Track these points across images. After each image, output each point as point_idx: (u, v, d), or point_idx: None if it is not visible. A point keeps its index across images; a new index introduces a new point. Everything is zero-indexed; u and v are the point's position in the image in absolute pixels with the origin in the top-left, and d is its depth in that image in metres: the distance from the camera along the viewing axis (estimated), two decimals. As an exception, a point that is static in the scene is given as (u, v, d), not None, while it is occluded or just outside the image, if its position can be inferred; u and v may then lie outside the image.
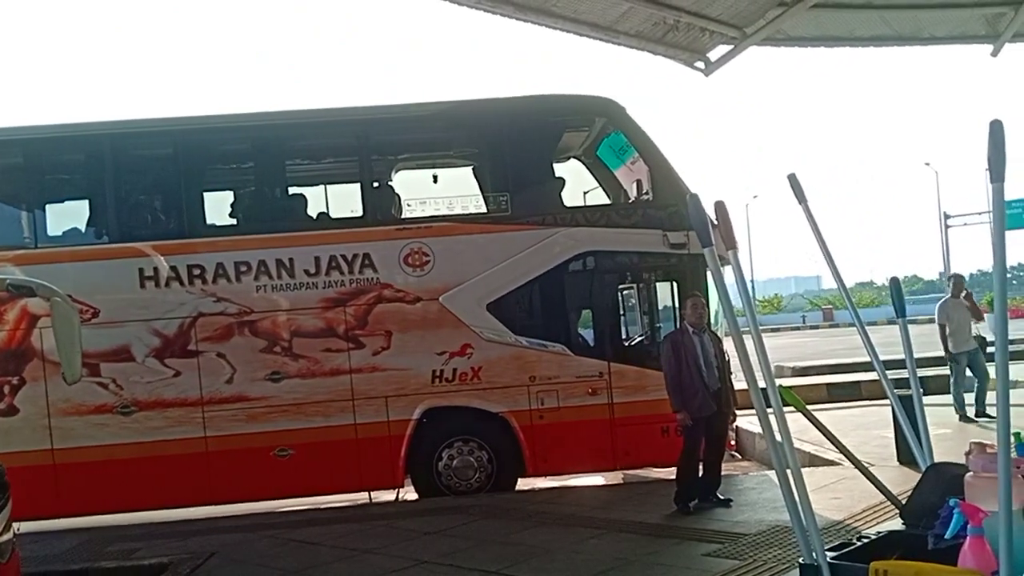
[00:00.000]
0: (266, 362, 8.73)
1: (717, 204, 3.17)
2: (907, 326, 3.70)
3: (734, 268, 3.05)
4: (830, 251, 3.74)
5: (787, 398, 3.20)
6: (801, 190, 3.71)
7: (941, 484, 2.98)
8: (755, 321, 2.94)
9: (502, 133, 9.27)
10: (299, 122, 9.30)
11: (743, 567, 5.74)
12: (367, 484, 9.05)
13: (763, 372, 2.86)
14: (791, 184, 3.68)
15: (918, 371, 3.84)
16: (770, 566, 5.70)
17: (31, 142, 8.96)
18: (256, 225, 9.10)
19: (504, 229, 8.92)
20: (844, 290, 4.06)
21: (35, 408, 8.49)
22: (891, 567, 2.51)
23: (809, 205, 3.72)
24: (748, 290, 3.04)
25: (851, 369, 17.69)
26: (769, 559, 5.85)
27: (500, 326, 8.83)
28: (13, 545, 5.34)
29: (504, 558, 6.40)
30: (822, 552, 2.74)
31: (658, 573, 5.86)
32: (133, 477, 8.55)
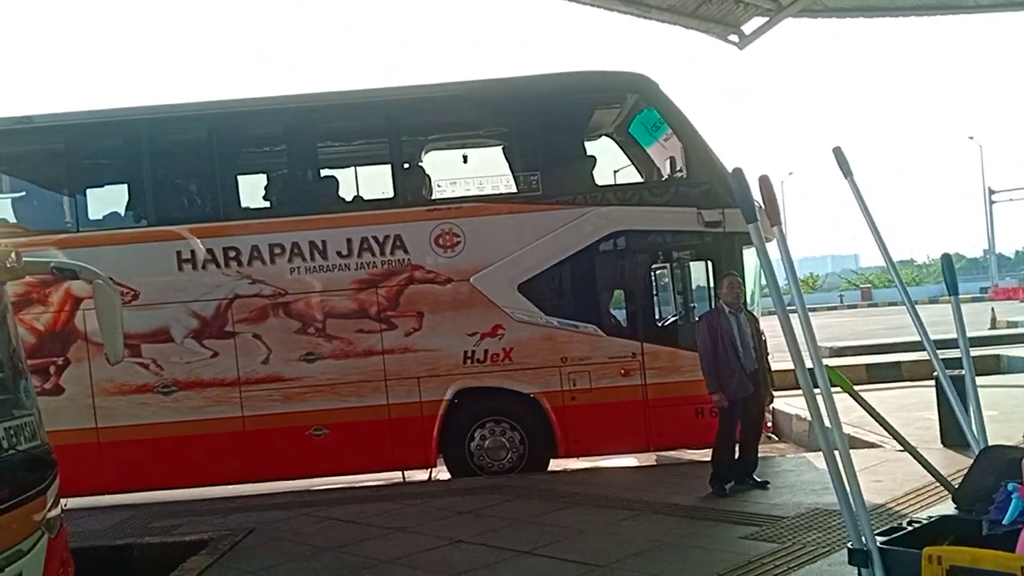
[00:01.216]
0: (300, 343, 8.81)
1: (762, 179, 3.09)
2: (959, 304, 3.62)
3: (779, 245, 2.99)
4: (877, 226, 3.65)
5: (833, 378, 3.15)
6: (847, 164, 3.63)
7: (996, 468, 2.90)
8: (801, 299, 2.89)
9: (532, 111, 9.20)
10: (330, 104, 9.30)
11: (782, 550, 5.69)
12: (400, 464, 9.11)
13: (810, 352, 2.81)
14: (836, 158, 3.60)
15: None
16: (810, 549, 5.65)
17: (72, 128, 9.06)
18: (289, 207, 9.14)
19: (535, 209, 8.88)
20: (892, 266, 3.96)
21: (80, 388, 8.65)
22: (945, 553, 2.44)
23: (855, 179, 3.64)
24: (794, 267, 2.98)
25: (891, 349, 17.48)
26: (809, 542, 5.79)
27: (531, 307, 8.81)
28: (61, 520, 5.46)
29: (537, 538, 6.41)
30: (872, 537, 2.69)
31: (694, 555, 5.84)
32: (173, 455, 8.70)
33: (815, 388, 2.84)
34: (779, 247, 3.00)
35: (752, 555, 5.65)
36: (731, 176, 2.97)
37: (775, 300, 2.90)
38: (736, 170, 3.00)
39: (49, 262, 6.05)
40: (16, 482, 4.91)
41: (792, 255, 3.07)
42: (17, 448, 5.00)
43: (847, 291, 57.94)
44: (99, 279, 5.86)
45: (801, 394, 7.91)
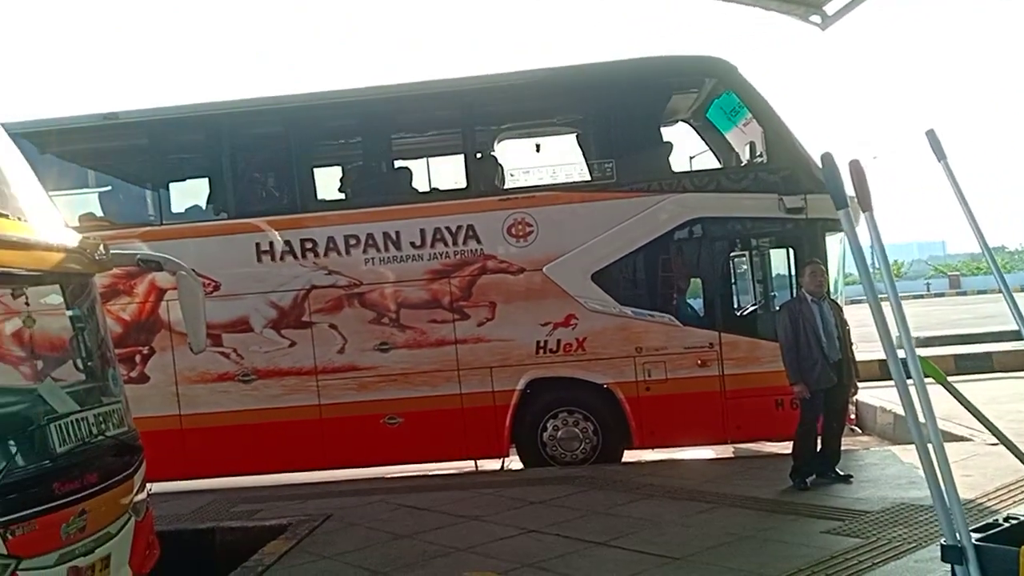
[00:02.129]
0: (375, 333, 8.90)
1: (852, 164, 2.96)
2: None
3: (870, 232, 2.87)
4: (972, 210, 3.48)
5: (926, 369, 3.01)
6: (940, 147, 3.46)
7: (1095, 463, 2.75)
8: (894, 287, 2.76)
9: (607, 98, 9.09)
10: (404, 95, 9.34)
11: (866, 546, 5.51)
12: (473, 453, 9.14)
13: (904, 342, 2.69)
14: (929, 141, 3.44)
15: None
16: (895, 545, 5.46)
17: (155, 123, 9.29)
18: (364, 199, 9.23)
19: (609, 197, 8.77)
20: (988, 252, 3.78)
21: (164, 376, 8.92)
22: (1046, 551, 2.32)
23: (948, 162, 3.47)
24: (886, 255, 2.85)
25: (981, 339, 16.80)
26: (894, 538, 5.60)
27: (605, 296, 8.73)
28: (147, 504, 5.63)
29: (611, 529, 6.35)
30: (967, 533, 2.57)
31: (773, 549, 5.70)
32: (253, 442, 8.89)
33: (908, 379, 2.71)
34: (870, 234, 2.87)
35: (834, 550, 5.49)
36: (821, 161, 2.86)
37: (866, 288, 2.77)
38: (826, 155, 2.88)
39: (135, 254, 6.24)
40: (105, 467, 5.08)
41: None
42: (106, 434, 5.16)
43: (933, 279, 55.96)
44: (183, 270, 6.01)
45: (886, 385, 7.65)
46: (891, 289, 2.77)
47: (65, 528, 4.59)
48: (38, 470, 4.56)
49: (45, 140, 8.72)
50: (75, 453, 4.80)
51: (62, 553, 4.56)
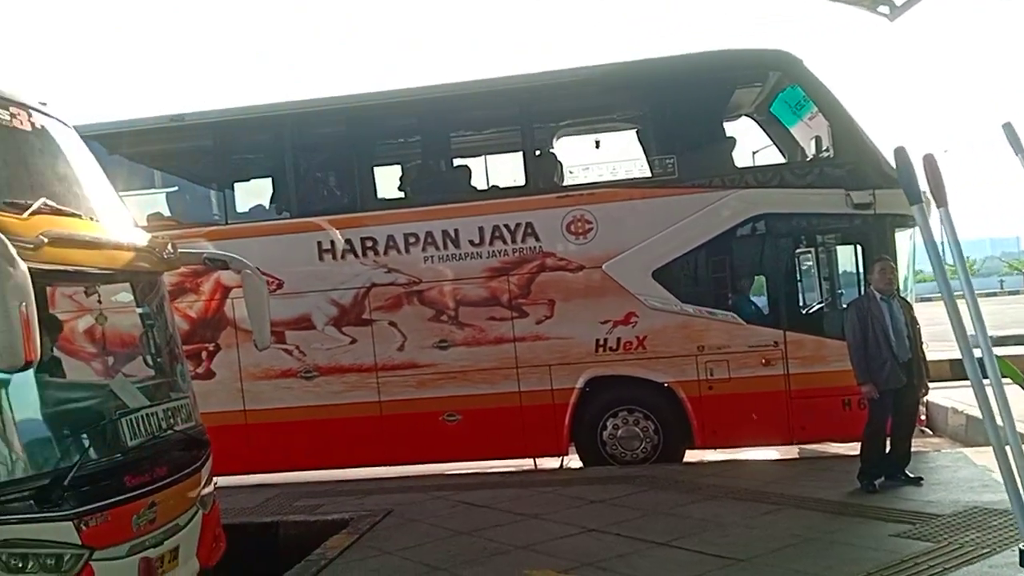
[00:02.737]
0: (434, 330, 8.95)
1: (926, 158, 2.86)
2: None
3: (944, 228, 2.76)
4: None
5: (1004, 369, 2.90)
6: (1018, 140, 3.32)
7: None
8: (970, 285, 2.66)
9: (669, 93, 9.00)
10: (463, 94, 9.36)
11: (937, 550, 5.35)
12: (532, 451, 9.12)
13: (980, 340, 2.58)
14: (1007, 134, 3.30)
15: None
16: (968, 550, 5.28)
17: (220, 125, 9.48)
18: (423, 197, 9.28)
19: (670, 193, 8.67)
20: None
21: (229, 372, 9.11)
22: None
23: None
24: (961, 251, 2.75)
25: (1058, 339, 16.15)
26: (967, 542, 5.41)
27: (666, 294, 8.63)
28: (214, 497, 5.75)
29: (673, 530, 6.27)
30: (1047, 538, 2.46)
31: (841, 552, 5.56)
32: (315, 437, 9.02)
33: (984, 379, 2.60)
34: (944, 230, 2.77)
35: (904, 554, 5.34)
36: (894, 156, 2.77)
37: (941, 286, 2.67)
38: (899, 149, 2.78)
39: (202, 253, 6.37)
40: (174, 460, 5.20)
41: (947, 237, 2.82)
42: (175, 428, 5.28)
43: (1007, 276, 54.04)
44: (248, 269, 6.12)
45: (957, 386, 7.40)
46: (967, 286, 2.67)
47: (136, 520, 4.71)
48: (110, 463, 4.69)
49: (114, 142, 8.95)
50: (145, 447, 4.92)
51: (133, 544, 4.67)
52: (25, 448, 4.44)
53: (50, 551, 4.24)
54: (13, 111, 5.05)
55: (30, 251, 4.12)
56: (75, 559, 4.34)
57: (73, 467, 4.39)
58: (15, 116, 5.04)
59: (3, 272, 3.75)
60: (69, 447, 4.58)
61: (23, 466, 4.36)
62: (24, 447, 4.44)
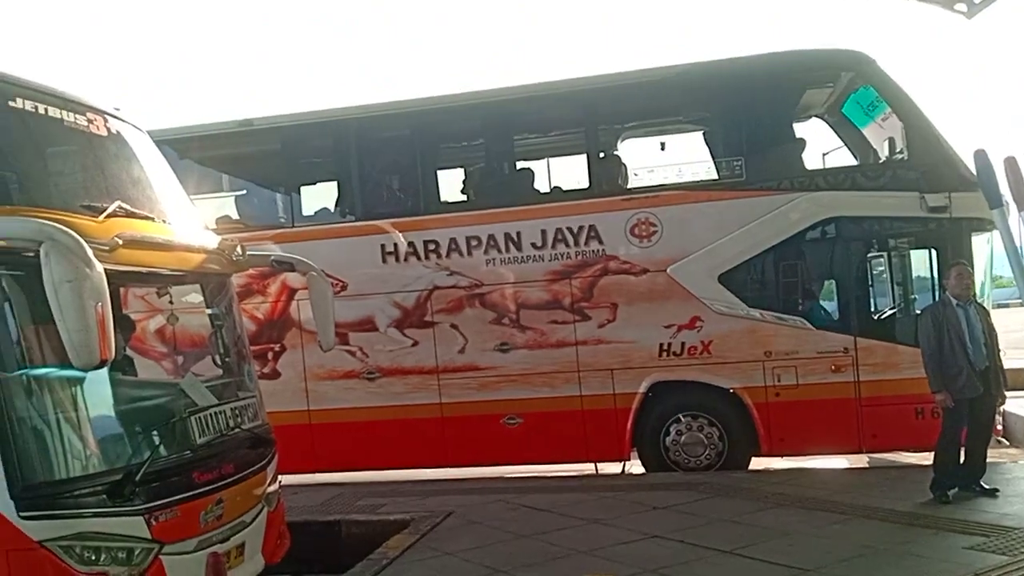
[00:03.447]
0: (495, 333, 8.96)
1: (1008, 161, 2.74)
2: None
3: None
4: None
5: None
6: None
7: None
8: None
9: (737, 94, 8.85)
10: (526, 96, 9.34)
11: (1012, 564, 5.17)
12: (593, 455, 9.07)
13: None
14: None
15: None
16: (1046, 565, 5.07)
17: (288, 129, 9.62)
18: (486, 200, 9.30)
19: (738, 195, 8.54)
20: None
21: (294, 372, 9.25)
22: None
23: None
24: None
25: None
26: (1047, 557, 5.20)
27: (733, 298, 8.50)
28: (278, 495, 5.84)
29: (738, 538, 6.18)
30: None
31: (912, 564, 5.41)
32: (377, 438, 9.10)
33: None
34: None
35: (979, 567, 5.17)
36: (974, 158, 2.66)
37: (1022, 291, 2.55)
38: (979, 152, 2.67)
39: (269, 255, 6.48)
40: (241, 458, 5.29)
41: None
42: (242, 427, 5.38)
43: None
44: (313, 271, 6.21)
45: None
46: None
47: (203, 516, 4.80)
48: (180, 460, 4.79)
49: (185, 146, 9.15)
50: (213, 445, 5.02)
51: (201, 540, 4.77)
52: (99, 444, 4.57)
53: (121, 544, 4.35)
54: (90, 116, 5.21)
55: (105, 253, 4.24)
56: (145, 553, 4.44)
57: (144, 463, 4.50)
58: (92, 122, 5.21)
59: (80, 273, 3.86)
60: (140, 444, 4.69)
61: (96, 461, 4.49)
62: (98, 443, 4.57)
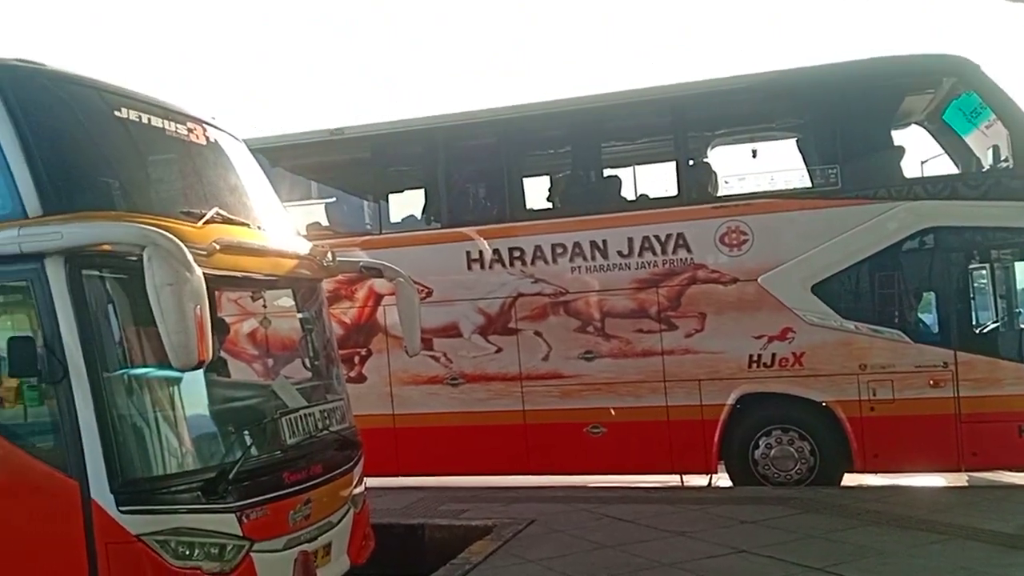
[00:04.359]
0: (580, 341, 8.91)
1: None
2: None
3: None
4: None
5: None
6: None
7: None
8: None
9: (833, 101, 8.61)
10: (615, 104, 9.27)
11: None
12: (678, 467, 8.92)
13: None
14: None
15: None
16: None
17: (377, 138, 9.78)
18: (572, 208, 9.27)
19: (833, 204, 8.30)
20: None
21: (379, 377, 9.38)
22: None
23: None
24: None
25: None
26: None
27: (826, 309, 8.26)
28: (364, 497, 5.93)
29: (830, 555, 5.99)
30: None
31: (1017, 590, 5.12)
32: (459, 444, 9.14)
33: None
34: None
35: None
36: None
37: None
38: None
39: (358, 261, 6.60)
40: (329, 459, 5.39)
41: None
42: (330, 429, 5.47)
43: None
44: (401, 277, 6.29)
45: None
46: None
47: (292, 515, 4.90)
48: (270, 460, 4.90)
49: (277, 154, 9.38)
50: (303, 445, 5.12)
51: (289, 538, 4.87)
52: (194, 442, 4.71)
53: (214, 540, 4.47)
54: (190, 126, 5.41)
55: (204, 257, 4.38)
56: (236, 550, 4.55)
57: (237, 462, 4.62)
58: (192, 131, 5.40)
59: (180, 277, 4.00)
60: (234, 443, 4.82)
61: (192, 459, 4.63)
62: (193, 441, 4.71)
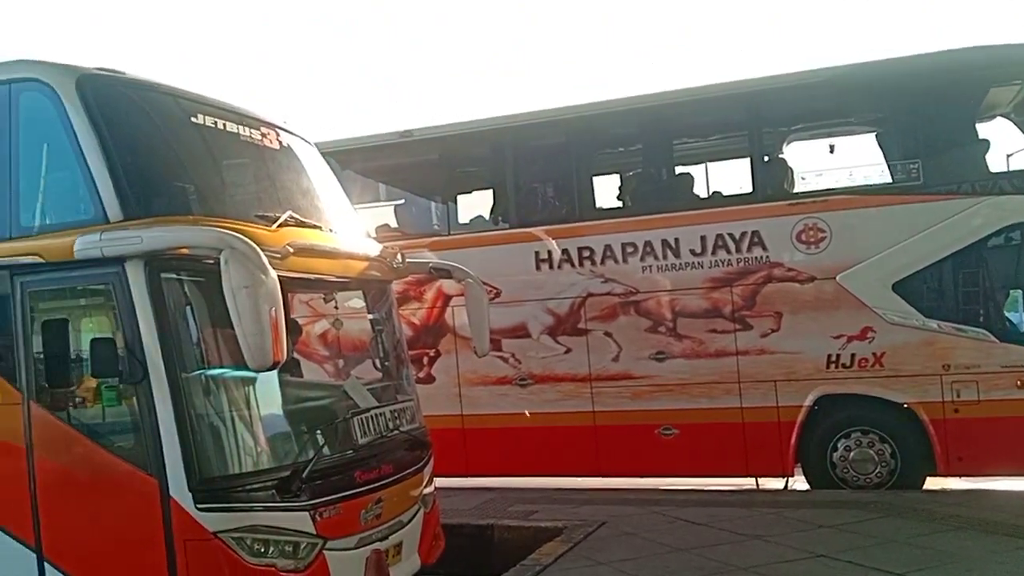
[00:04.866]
0: (651, 341, 8.80)
1: None
2: None
3: None
4: None
5: None
6: None
7: None
8: None
9: (914, 94, 8.34)
10: (687, 100, 9.11)
11: None
12: (753, 470, 8.75)
13: None
14: None
15: None
16: None
17: (446, 139, 9.82)
18: (642, 206, 9.16)
19: (914, 200, 8.04)
20: None
21: (448, 377, 9.42)
22: None
23: None
24: None
25: None
26: None
27: (908, 308, 8.00)
28: (435, 497, 5.95)
29: (911, 561, 5.83)
30: None
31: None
32: (528, 445, 9.12)
33: None
34: None
35: None
36: None
37: None
38: None
39: (427, 263, 6.64)
40: (399, 459, 5.43)
41: None
42: (400, 429, 5.52)
43: None
44: (470, 278, 6.31)
45: None
46: None
47: (364, 514, 4.94)
48: (342, 459, 4.96)
49: (347, 157, 9.48)
50: (374, 445, 5.17)
51: (361, 537, 4.92)
52: (269, 441, 4.79)
53: (289, 538, 4.54)
54: (264, 131, 5.51)
55: (278, 260, 4.45)
56: (310, 547, 4.61)
57: (310, 461, 4.68)
58: (265, 135, 5.50)
59: (256, 279, 4.06)
60: (307, 442, 4.89)
61: (267, 458, 4.71)
62: (268, 440, 4.79)
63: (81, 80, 4.68)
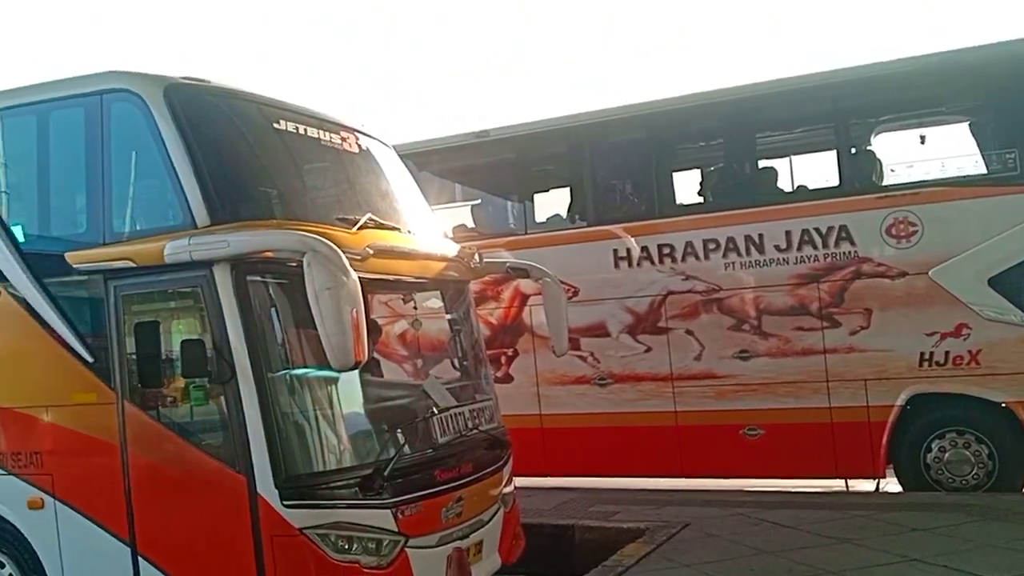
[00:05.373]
0: (734, 340, 8.62)
1: None
2: None
3: None
4: None
5: None
6: None
7: None
8: None
9: (1012, 81, 7.94)
10: (770, 92, 8.89)
11: None
12: (842, 471, 8.49)
13: None
14: None
15: None
16: None
17: (522, 138, 9.79)
18: (724, 202, 8.97)
19: (1012, 191, 7.67)
20: None
21: (526, 377, 9.41)
22: None
23: None
24: None
25: None
26: None
27: (1006, 303, 7.65)
28: (514, 496, 5.96)
29: (1012, 566, 5.60)
30: None
31: None
32: (608, 445, 9.03)
33: None
34: None
35: None
36: None
37: None
38: None
39: (504, 262, 6.65)
40: (479, 458, 5.45)
41: None
42: (479, 428, 5.55)
43: None
44: (547, 277, 6.30)
45: None
46: None
47: (444, 512, 4.98)
48: (423, 458, 5.01)
49: (424, 159, 9.53)
50: (454, 444, 5.21)
51: (442, 535, 4.96)
52: (352, 440, 4.88)
53: (372, 536, 4.61)
54: (343, 135, 5.61)
55: (358, 262, 4.52)
56: (393, 545, 4.67)
57: (392, 459, 4.74)
58: (345, 140, 5.60)
59: (338, 281, 4.14)
60: (388, 441, 4.95)
61: (350, 456, 4.79)
62: (351, 439, 4.88)
63: (169, 89, 4.84)
